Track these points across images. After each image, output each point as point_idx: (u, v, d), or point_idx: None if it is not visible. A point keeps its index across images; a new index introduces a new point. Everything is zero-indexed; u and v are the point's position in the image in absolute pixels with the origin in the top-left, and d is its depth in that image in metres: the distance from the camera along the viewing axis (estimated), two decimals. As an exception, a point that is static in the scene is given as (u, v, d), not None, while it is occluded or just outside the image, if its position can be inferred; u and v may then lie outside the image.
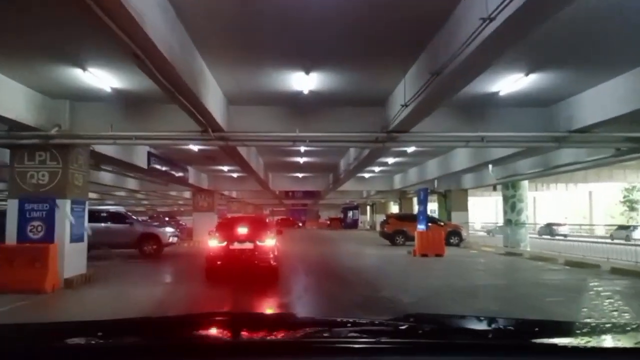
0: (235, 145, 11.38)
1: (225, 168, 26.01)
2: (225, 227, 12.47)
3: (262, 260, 11.25)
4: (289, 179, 32.23)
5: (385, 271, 15.05)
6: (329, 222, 61.58)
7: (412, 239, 24.84)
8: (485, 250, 23.98)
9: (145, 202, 55.71)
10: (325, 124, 11.60)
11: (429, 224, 24.49)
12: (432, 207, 47.52)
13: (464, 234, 27.58)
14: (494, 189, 44.94)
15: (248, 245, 11.43)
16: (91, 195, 37.70)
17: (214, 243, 11.70)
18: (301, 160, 22.62)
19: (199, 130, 10.66)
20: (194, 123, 10.40)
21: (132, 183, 30.11)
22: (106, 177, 26.09)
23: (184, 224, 39.99)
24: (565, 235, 39.72)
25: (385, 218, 29.35)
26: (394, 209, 53.49)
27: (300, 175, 30.35)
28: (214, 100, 10.07)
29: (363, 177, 31.02)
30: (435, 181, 27.73)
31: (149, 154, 18.43)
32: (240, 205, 46.85)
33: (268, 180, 29.07)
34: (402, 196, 42.30)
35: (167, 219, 41.19)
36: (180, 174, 23.24)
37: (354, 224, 58.85)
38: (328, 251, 23.09)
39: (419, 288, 11.11)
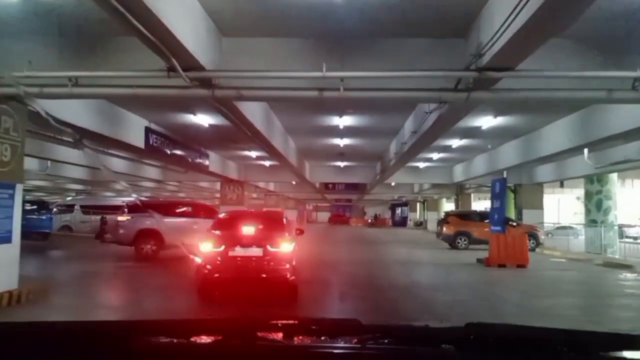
0: (227, 96, 7.12)
1: (253, 154, 22.01)
2: (225, 226, 9.16)
3: (274, 272, 8.15)
4: (329, 169, 27.97)
5: (459, 295, 10.41)
6: (372, 220, 57.01)
7: (477, 242, 21.13)
8: (572, 258, 18.90)
9: (181, 194, 53.27)
10: (372, 63, 7.19)
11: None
12: (487, 204, 42.76)
13: (541, 236, 22.62)
14: (561, 184, 39.61)
15: (255, 252, 8.20)
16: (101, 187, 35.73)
17: (207, 248, 8.34)
18: (341, 142, 18.25)
19: (163, 69, 6.47)
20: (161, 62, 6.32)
21: (152, 172, 26.65)
22: (119, 164, 22.61)
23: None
24: (635, 238, 34.11)
25: (443, 216, 24.55)
26: (447, 206, 48.82)
27: (341, 164, 26.00)
28: (187, 24, 6.02)
29: (416, 168, 26.40)
30: (505, 172, 22.88)
31: (148, 130, 14.54)
32: (279, 199, 42.74)
33: (304, 171, 24.86)
34: (459, 191, 37.47)
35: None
36: (197, 159, 19.34)
37: (402, 222, 54.11)
38: (374, 257, 18.67)
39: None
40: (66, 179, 27.97)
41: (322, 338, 1.53)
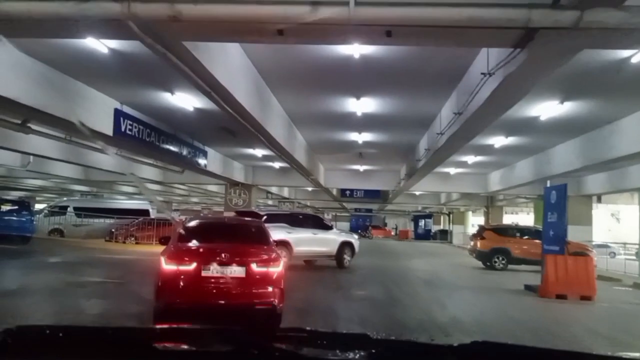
0: (153, 15, 4.09)
1: (258, 153, 19.09)
2: (194, 238, 7.27)
3: (259, 298, 6.68)
4: (347, 173, 24.91)
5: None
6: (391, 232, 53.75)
7: (517, 261, 18.19)
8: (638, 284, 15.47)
9: (195, 200, 50.67)
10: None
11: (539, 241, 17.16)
12: (518, 219, 39.05)
13: (594, 257, 19.11)
14: (599, 199, 35.76)
15: (236, 272, 6.58)
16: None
17: (170, 266, 6.54)
18: (360, 138, 15.18)
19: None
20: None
21: (150, 172, 23.93)
22: (105, 161, 19.90)
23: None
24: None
25: (477, 230, 21.18)
26: (475, 220, 45.33)
27: (360, 168, 22.89)
28: None
29: (446, 175, 23.20)
30: (548, 182, 19.51)
31: (119, 114, 11.72)
32: (293, 207, 39.60)
33: (318, 174, 21.82)
34: (490, 203, 34.03)
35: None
36: (191, 156, 16.48)
37: (426, 235, 50.57)
38: (397, 277, 15.48)
39: None
40: (53, 176, 25.40)
41: (333, 351, 1.55)
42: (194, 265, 6.44)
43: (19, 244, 19.13)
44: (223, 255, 6.52)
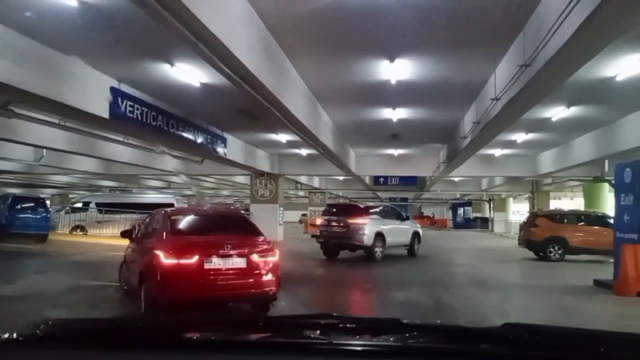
0: None
1: (282, 138, 17.45)
2: (187, 231, 7.33)
3: (260, 287, 6.80)
4: (380, 159, 23.02)
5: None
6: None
7: (576, 251, 16.47)
8: None
9: (226, 193, 49.53)
10: None
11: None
12: (565, 204, 36.06)
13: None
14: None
15: (238, 263, 6.66)
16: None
17: (170, 260, 6.31)
18: (394, 115, 13.28)
19: None
20: None
21: (171, 164, 22.61)
22: (124, 154, 18.66)
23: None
24: None
25: (528, 217, 19.02)
26: (515, 206, 42.83)
27: (395, 152, 20.94)
28: None
29: (490, 158, 21.07)
30: (606, 163, 17.23)
31: (116, 93, 10.19)
32: (324, 197, 37.68)
33: (348, 160, 20.02)
34: (535, 188, 31.61)
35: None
36: (207, 143, 14.93)
37: (465, 224, 48.32)
38: (438, 271, 13.64)
39: None
40: (71, 171, 24.38)
41: (364, 336, 1.54)
42: (195, 258, 6.39)
43: (35, 243, 18.24)
44: (225, 247, 6.57)
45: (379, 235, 14.95)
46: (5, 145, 17.65)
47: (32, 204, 20.18)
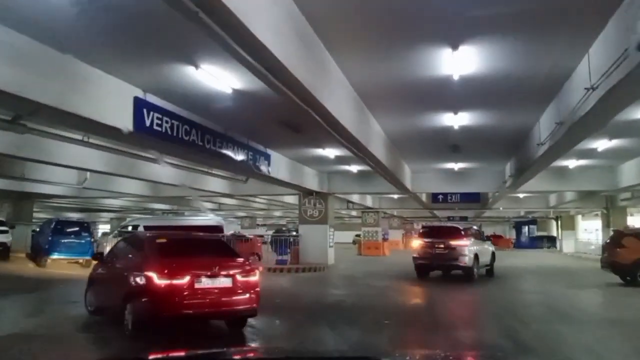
0: None
1: (330, 153, 16.08)
2: (173, 252, 7.59)
3: (244, 304, 7.50)
4: (438, 174, 21.21)
5: None
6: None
7: None
8: None
9: (278, 214, 48.58)
10: None
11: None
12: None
13: None
14: None
15: (224, 282, 7.31)
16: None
17: (163, 281, 6.79)
18: (455, 121, 11.60)
19: None
20: None
21: (216, 184, 21.74)
22: (167, 174, 17.89)
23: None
24: None
25: (612, 236, 16.62)
26: (584, 224, 39.54)
27: (455, 166, 19.11)
28: None
29: (563, 170, 18.89)
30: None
31: (141, 104, 9.13)
32: (378, 217, 35.88)
33: (403, 176, 18.36)
34: (610, 204, 28.62)
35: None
36: (248, 159, 13.75)
37: (530, 243, 45.10)
38: (507, 298, 11.69)
39: None
40: (116, 193, 23.93)
41: None
42: (187, 278, 6.90)
43: (81, 267, 17.76)
44: (213, 268, 7.14)
45: (476, 256, 15.56)
46: (47, 169, 17.33)
47: (76, 228, 19.73)
